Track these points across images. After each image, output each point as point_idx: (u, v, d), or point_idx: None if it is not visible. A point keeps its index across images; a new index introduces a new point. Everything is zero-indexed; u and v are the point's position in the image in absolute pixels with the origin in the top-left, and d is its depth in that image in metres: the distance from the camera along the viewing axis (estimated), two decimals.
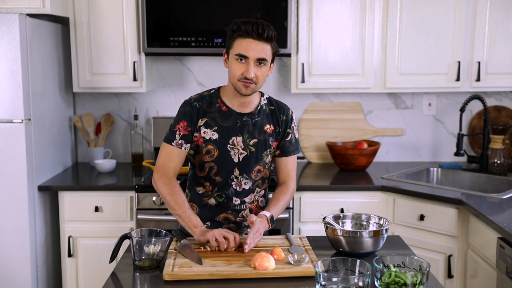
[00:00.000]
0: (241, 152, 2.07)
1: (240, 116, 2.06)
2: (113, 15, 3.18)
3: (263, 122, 2.09)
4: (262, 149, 2.09)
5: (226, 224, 2.14)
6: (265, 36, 1.93)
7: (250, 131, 2.07)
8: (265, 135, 2.09)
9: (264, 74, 1.98)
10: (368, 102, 3.63)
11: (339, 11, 3.21)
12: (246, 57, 1.93)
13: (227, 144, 2.05)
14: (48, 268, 3.10)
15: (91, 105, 3.61)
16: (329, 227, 1.95)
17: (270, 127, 2.10)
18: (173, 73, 3.59)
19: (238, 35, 1.94)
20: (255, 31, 1.91)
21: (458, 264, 2.78)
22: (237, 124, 2.06)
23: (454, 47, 3.22)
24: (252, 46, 1.93)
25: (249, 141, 2.07)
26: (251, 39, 1.93)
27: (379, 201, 3.03)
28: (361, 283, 1.49)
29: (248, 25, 1.92)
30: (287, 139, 2.14)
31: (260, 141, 2.08)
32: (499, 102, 3.61)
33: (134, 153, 3.55)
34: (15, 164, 2.81)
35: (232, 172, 2.08)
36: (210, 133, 2.05)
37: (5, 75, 2.77)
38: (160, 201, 2.95)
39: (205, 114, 2.06)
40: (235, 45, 1.96)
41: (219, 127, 2.05)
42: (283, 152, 2.15)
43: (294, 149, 2.17)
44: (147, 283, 1.74)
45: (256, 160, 2.09)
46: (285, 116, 2.13)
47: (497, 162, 3.31)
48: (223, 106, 2.07)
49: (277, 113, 2.12)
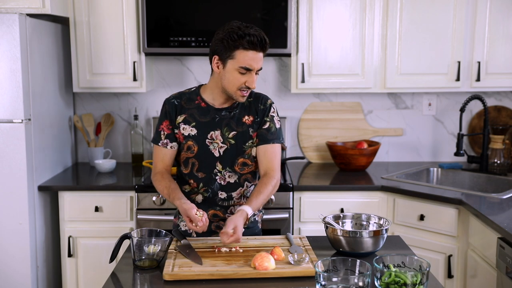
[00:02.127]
0: (220, 146, 2.09)
1: (218, 111, 2.10)
2: (113, 15, 3.18)
3: (241, 114, 2.11)
4: (242, 141, 2.10)
5: (215, 222, 2.15)
6: (267, 46, 1.98)
7: (228, 124, 2.09)
8: (244, 126, 2.11)
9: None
10: (368, 102, 3.63)
11: (339, 11, 3.21)
12: (250, 69, 1.97)
13: (205, 139, 2.09)
14: (48, 268, 3.10)
15: (91, 105, 3.61)
16: (329, 227, 1.95)
17: (249, 118, 2.12)
18: (173, 73, 3.59)
19: (242, 45, 1.94)
20: (259, 43, 1.95)
21: (458, 264, 2.78)
22: (215, 119, 2.09)
23: (454, 47, 3.22)
24: (256, 59, 1.98)
25: (228, 134, 2.09)
26: (255, 52, 1.96)
27: (379, 201, 3.04)
28: (361, 283, 1.49)
29: (253, 37, 1.93)
30: (264, 127, 2.12)
31: (239, 133, 2.10)
32: (499, 102, 3.61)
33: (134, 153, 3.55)
34: (15, 164, 2.81)
35: (214, 167, 2.10)
36: (189, 129, 2.09)
37: (5, 75, 2.77)
38: (160, 201, 2.95)
39: (183, 111, 2.10)
40: (237, 56, 1.96)
41: (197, 123, 2.09)
42: (261, 140, 2.12)
43: (273, 138, 2.12)
44: (147, 283, 1.74)
45: (238, 153, 2.10)
46: (262, 106, 2.14)
47: (497, 162, 3.31)
48: (202, 102, 2.11)
49: (255, 103, 2.14)
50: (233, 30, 1.95)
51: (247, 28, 1.96)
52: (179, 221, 2.22)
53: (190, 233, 2.17)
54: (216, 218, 2.15)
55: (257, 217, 2.26)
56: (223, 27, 2.01)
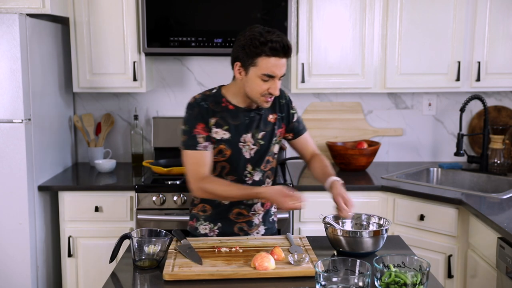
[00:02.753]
0: (251, 148, 2.08)
1: (247, 112, 2.07)
2: (113, 15, 3.18)
3: (266, 114, 2.12)
4: (270, 140, 2.11)
5: (238, 224, 2.14)
6: (290, 51, 1.93)
7: (258, 126, 2.08)
8: (270, 125, 2.11)
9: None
10: (368, 102, 3.63)
11: (339, 11, 3.21)
12: (273, 76, 1.94)
13: (238, 142, 2.06)
14: (48, 268, 3.10)
15: (91, 105, 3.61)
16: (329, 227, 1.95)
17: (273, 117, 2.13)
18: (173, 73, 3.59)
19: (264, 52, 1.90)
20: (282, 49, 1.90)
21: (458, 264, 2.78)
22: (245, 121, 2.07)
23: (454, 47, 3.22)
24: (279, 65, 1.93)
25: (258, 135, 2.08)
26: (278, 58, 1.92)
27: (379, 201, 3.03)
28: (361, 283, 1.49)
29: (275, 43, 1.88)
30: (294, 120, 2.19)
31: (267, 132, 2.10)
32: (499, 102, 3.61)
33: (134, 153, 3.55)
34: (15, 164, 2.81)
35: (245, 169, 2.09)
36: (221, 133, 2.04)
37: (5, 75, 2.77)
38: (160, 201, 2.95)
39: (214, 114, 2.04)
40: (259, 63, 1.92)
41: (230, 126, 2.05)
42: (297, 133, 2.20)
43: (303, 127, 2.23)
44: (147, 283, 1.74)
45: (266, 152, 2.11)
46: (284, 100, 2.16)
47: (497, 162, 3.31)
48: (229, 104, 2.06)
49: (276, 99, 2.13)
50: (254, 36, 1.90)
51: (269, 34, 1.90)
52: (197, 223, 2.18)
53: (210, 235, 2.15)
54: (241, 217, 2.14)
55: (275, 217, 2.28)
56: (244, 32, 1.95)
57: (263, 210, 2.18)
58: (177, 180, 3.07)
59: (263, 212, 2.19)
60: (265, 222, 2.21)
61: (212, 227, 2.15)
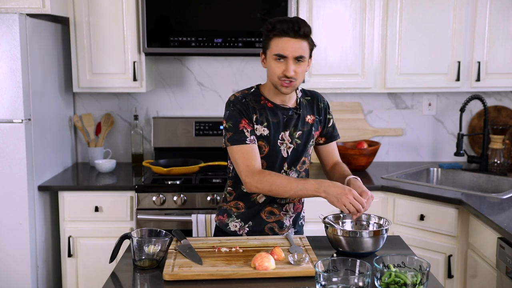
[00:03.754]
0: (289, 146, 2.08)
1: (286, 111, 2.08)
2: (113, 15, 3.18)
3: (304, 114, 2.12)
4: (307, 140, 2.12)
5: (270, 223, 2.14)
6: (302, 33, 1.94)
7: (296, 124, 2.09)
8: (308, 126, 2.12)
9: (304, 70, 2.00)
10: (368, 102, 3.63)
11: (339, 11, 3.21)
12: (285, 56, 1.95)
13: (277, 139, 2.07)
14: (48, 268, 3.10)
15: (91, 105, 3.61)
16: (329, 227, 1.95)
17: (311, 118, 2.14)
18: (173, 73, 3.59)
19: (274, 34, 1.95)
20: (291, 29, 1.93)
21: (458, 264, 2.78)
22: (284, 119, 2.07)
23: (454, 47, 3.22)
24: (289, 45, 1.94)
25: (295, 134, 2.09)
26: (288, 38, 1.94)
27: (379, 201, 3.03)
28: (361, 283, 1.49)
29: (284, 24, 1.93)
30: (329, 125, 2.20)
31: (304, 132, 2.11)
32: (499, 102, 3.61)
33: (134, 153, 3.55)
34: (15, 164, 2.81)
35: (282, 167, 2.09)
36: (261, 129, 2.05)
37: (5, 75, 2.77)
38: (160, 201, 2.95)
39: (254, 111, 2.05)
40: (272, 45, 1.97)
41: (269, 123, 2.05)
42: (329, 138, 2.21)
43: (337, 134, 2.24)
44: (147, 283, 1.74)
45: (302, 152, 2.12)
46: (322, 103, 2.18)
47: (497, 162, 3.31)
48: (268, 102, 2.08)
49: (315, 101, 2.16)
50: (269, 22, 1.98)
51: (282, 18, 1.97)
52: (229, 220, 2.16)
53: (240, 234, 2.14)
54: (272, 216, 2.14)
55: (303, 221, 2.30)
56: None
57: (293, 212, 2.19)
58: (177, 180, 3.07)
59: (294, 214, 2.19)
60: (295, 225, 2.22)
61: (242, 225, 2.15)
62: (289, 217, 2.18)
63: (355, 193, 1.88)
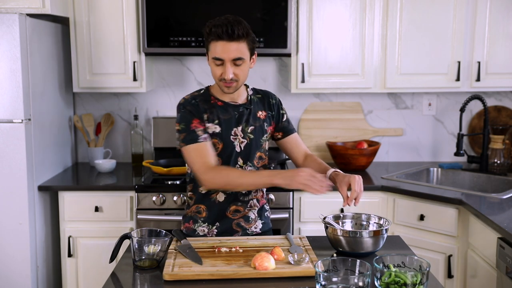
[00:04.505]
0: (241, 141, 2.11)
1: (236, 107, 2.12)
2: (113, 15, 3.18)
3: (255, 109, 2.17)
4: (260, 135, 2.16)
5: (236, 220, 2.15)
6: (236, 36, 1.95)
7: (247, 120, 2.13)
8: (259, 121, 2.16)
9: (244, 70, 2.02)
10: (368, 102, 3.64)
11: (339, 11, 3.21)
12: (222, 59, 1.98)
13: (230, 135, 2.10)
14: (48, 268, 3.10)
15: (91, 105, 3.61)
16: (329, 227, 1.95)
17: (262, 113, 2.18)
18: (173, 73, 3.59)
19: (211, 38, 1.98)
20: (226, 33, 1.94)
21: (458, 264, 2.78)
22: (235, 116, 2.11)
23: (454, 47, 3.22)
24: (225, 48, 1.96)
25: (247, 129, 2.12)
26: (223, 41, 1.96)
27: (379, 201, 3.03)
28: (361, 283, 1.49)
29: (218, 28, 1.95)
30: (284, 120, 2.25)
31: (257, 127, 2.15)
32: (499, 102, 3.61)
33: (134, 153, 3.55)
34: (15, 164, 2.81)
35: (236, 162, 2.12)
36: (213, 127, 2.08)
37: (5, 75, 2.77)
38: (160, 201, 2.95)
39: (205, 110, 2.09)
40: (210, 48, 2.00)
41: (220, 121, 2.09)
42: (285, 132, 2.25)
43: (293, 127, 2.28)
44: (147, 283, 1.74)
45: (256, 147, 2.15)
46: (274, 100, 2.24)
47: (497, 162, 3.31)
48: (218, 101, 2.12)
49: (266, 98, 2.22)
50: (207, 25, 1.99)
51: (218, 20, 1.97)
52: (195, 225, 2.16)
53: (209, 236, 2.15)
54: (237, 214, 2.15)
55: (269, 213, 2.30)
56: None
57: (258, 206, 2.21)
58: (177, 180, 3.07)
59: (258, 207, 2.21)
60: (261, 217, 2.23)
61: (210, 228, 2.15)
62: (254, 211, 2.19)
63: (309, 170, 1.90)
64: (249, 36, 2.00)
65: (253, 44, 2.04)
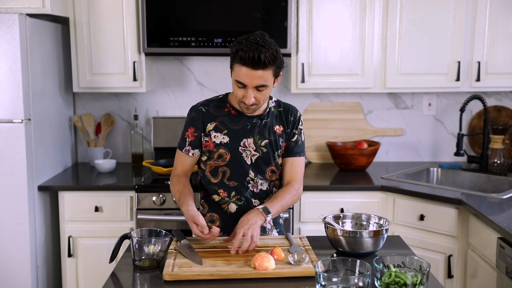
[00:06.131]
0: (253, 154, 2.07)
1: (249, 118, 2.07)
2: (113, 15, 3.18)
3: (273, 123, 2.10)
4: (273, 150, 2.09)
5: None
6: (262, 64, 1.86)
7: (261, 132, 2.07)
8: (275, 135, 2.09)
9: (266, 94, 1.96)
10: (368, 102, 3.63)
11: (339, 11, 3.21)
12: (245, 84, 1.91)
13: (238, 146, 2.05)
14: (48, 268, 3.10)
15: (91, 105, 3.61)
16: (329, 227, 1.95)
17: (279, 128, 2.11)
18: (173, 73, 3.59)
19: (237, 61, 1.89)
20: (250, 61, 1.84)
21: (458, 264, 2.78)
22: (247, 126, 2.06)
23: (454, 47, 3.22)
24: (249, 75, 1.88)
25: (261, 142, 2.07)
26: (247, 68, 1.87)
27: (379, 201, 3.04)
28: (361, 283, 1.49)
29: (245, 53, 1.84)
30: (293, 140, 2.13)
31: (271, 141, 2.08)
32: (499, 102, 3.61)
33: (134, 153, 3.55)
34: (15, 164, 2.81)
35: (247, 174, 2.08)
36: (220, 137, 2.05)
37: (5, 75, 2.77)
38: (160, 201, 2.95)
39: (213, 118, 2.06)
40: (235, 69, 1.92)
41: (229, 130, 2.05)
42: (288, 152, 2.13)
43: (299, 151, 2.14)
44: (147, 283, 1.74)
45: (269, 161, 2.09)
46: (292, 117, 2.13)
47: (497, 162, 3.31)
48: (232, 110, 2.07)
49: (285, 114, 2.12)
50: (237, 41, 1.90)
51: (247, 43, 1.86)
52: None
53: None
54: None
55: (281, 220, 2.28)
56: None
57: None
58: None
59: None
60: (276, 225, 2.22)
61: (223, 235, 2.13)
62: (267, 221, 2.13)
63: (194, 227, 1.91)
64: (276, 62, 1.90)
65: (278, 70, 1.94)
